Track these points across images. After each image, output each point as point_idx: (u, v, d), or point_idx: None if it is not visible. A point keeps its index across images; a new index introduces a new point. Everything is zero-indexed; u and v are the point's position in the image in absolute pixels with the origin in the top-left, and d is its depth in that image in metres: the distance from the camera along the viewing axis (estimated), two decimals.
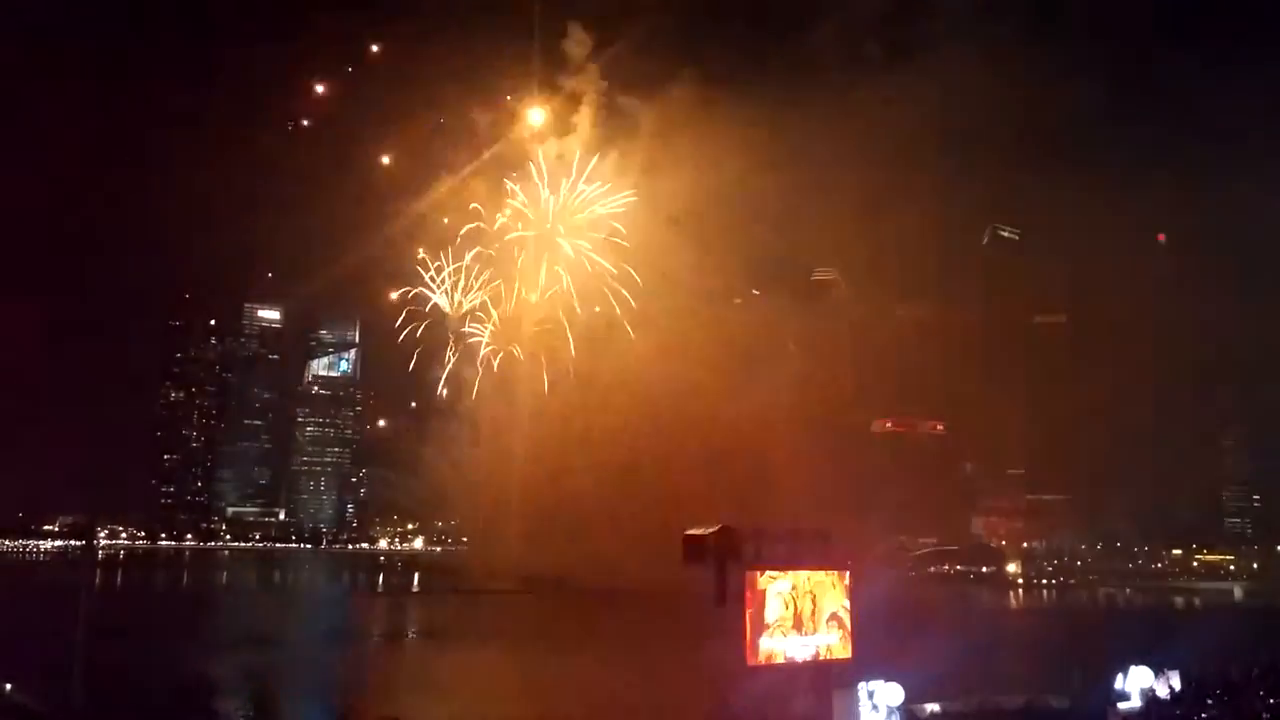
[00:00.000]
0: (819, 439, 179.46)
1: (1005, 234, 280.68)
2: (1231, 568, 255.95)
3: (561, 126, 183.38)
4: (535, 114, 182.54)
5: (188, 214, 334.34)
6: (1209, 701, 44.03)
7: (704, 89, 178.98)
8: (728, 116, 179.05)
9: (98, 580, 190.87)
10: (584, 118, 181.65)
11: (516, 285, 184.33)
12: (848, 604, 46.44)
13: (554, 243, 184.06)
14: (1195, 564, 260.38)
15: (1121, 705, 51.53)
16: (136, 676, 68.02)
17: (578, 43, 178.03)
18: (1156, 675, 53.60)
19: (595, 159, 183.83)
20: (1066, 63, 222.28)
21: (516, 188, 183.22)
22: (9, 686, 54.23)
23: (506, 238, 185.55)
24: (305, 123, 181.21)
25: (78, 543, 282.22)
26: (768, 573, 44.66)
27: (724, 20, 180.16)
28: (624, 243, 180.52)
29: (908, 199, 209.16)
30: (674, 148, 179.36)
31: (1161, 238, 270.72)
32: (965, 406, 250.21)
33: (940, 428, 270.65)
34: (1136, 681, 53.55)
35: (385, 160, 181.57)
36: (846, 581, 46.98)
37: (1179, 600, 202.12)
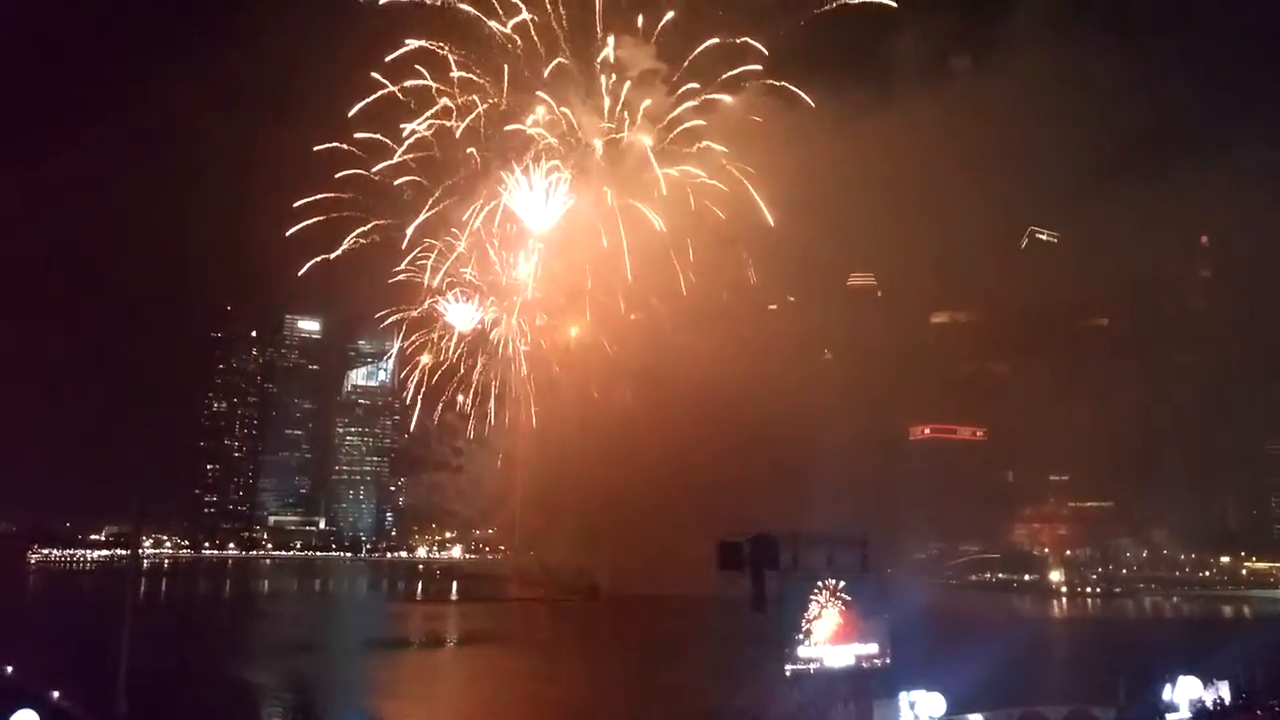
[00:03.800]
0: (858, 446, 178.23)
1: (1044, 237, 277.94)
2: None
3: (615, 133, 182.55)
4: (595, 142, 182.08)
5: (229, 226, 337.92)
6: (1259, 712, 43.12)
7: (756, 97, 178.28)
8: (776, 125, 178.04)
9: (143, 589, 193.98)
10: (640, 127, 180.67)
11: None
12: (887, 612, 46.02)
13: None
14: (1244, 572, 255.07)
15: (1170, 716, 50.63)
16: (180, 684, 68.95)
17: (634, 51, 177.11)
18: (1205, 685, 52.60)
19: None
20: (1116, 73, 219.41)
21: (571, 199, 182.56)
22: (56, 694, 55.08)
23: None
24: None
25: (123, 552, 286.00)
26: (806, 580, 44.39)
27: (774, 24, 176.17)
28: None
29: (950, 205, 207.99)
30: (718, 155, 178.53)
31: (1205, 240, 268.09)
32: (1006, 413, 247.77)
33: (980, 434, 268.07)
34: (1184, 692, 52.54)
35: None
36: (886, 589, 46.60)
37: (1227, 609, 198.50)
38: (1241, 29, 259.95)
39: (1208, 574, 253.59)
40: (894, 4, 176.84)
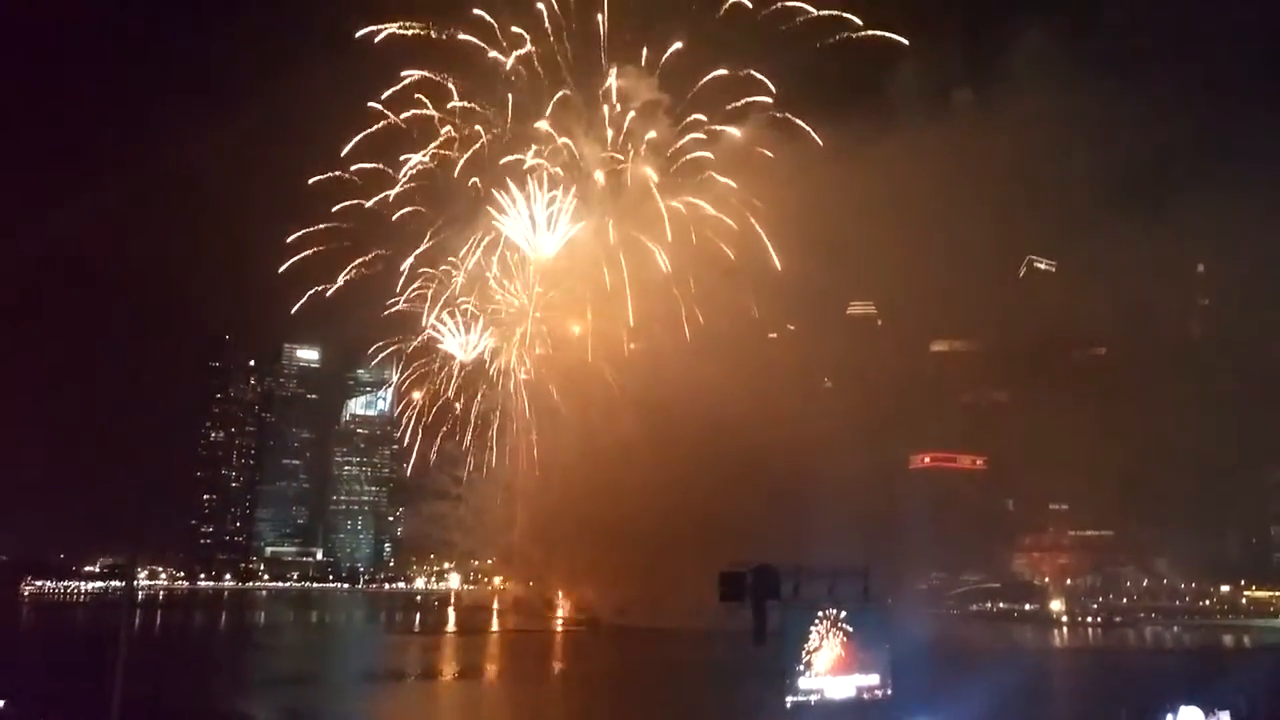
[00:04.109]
0: (858, 475, 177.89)
1: (1042, 266, 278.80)
2: None
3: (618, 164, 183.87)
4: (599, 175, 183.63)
5: (228, 255, 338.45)
6: None
7: (758, 128, 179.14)
8: (778, 155, 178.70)
9: (137, 621, 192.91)
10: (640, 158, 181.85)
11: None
12: (888, 642, 45.83)
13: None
14: (1244, 601, 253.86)
15: None
16: (175, 717, 68.38)
17: (638, 82, 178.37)
18: (1206, 715, 52.40)
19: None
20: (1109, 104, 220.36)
21: (573, 228, 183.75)
22: None
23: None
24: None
25: (118, 583, 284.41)
26: (807, 611, 44.17)
27: (778, 56, 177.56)
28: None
29: (948, 233, 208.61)
30: (720, 186, 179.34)
31: (1201, 268, 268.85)
32: (1006, 441, 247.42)
33: (980, 463, 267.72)
34: None
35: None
36: (887, 619, 46.41)
37: (1228, 638, 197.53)
38: (1241, 61, 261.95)
39: (1208, 603, 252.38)
40: (905, 41, 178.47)
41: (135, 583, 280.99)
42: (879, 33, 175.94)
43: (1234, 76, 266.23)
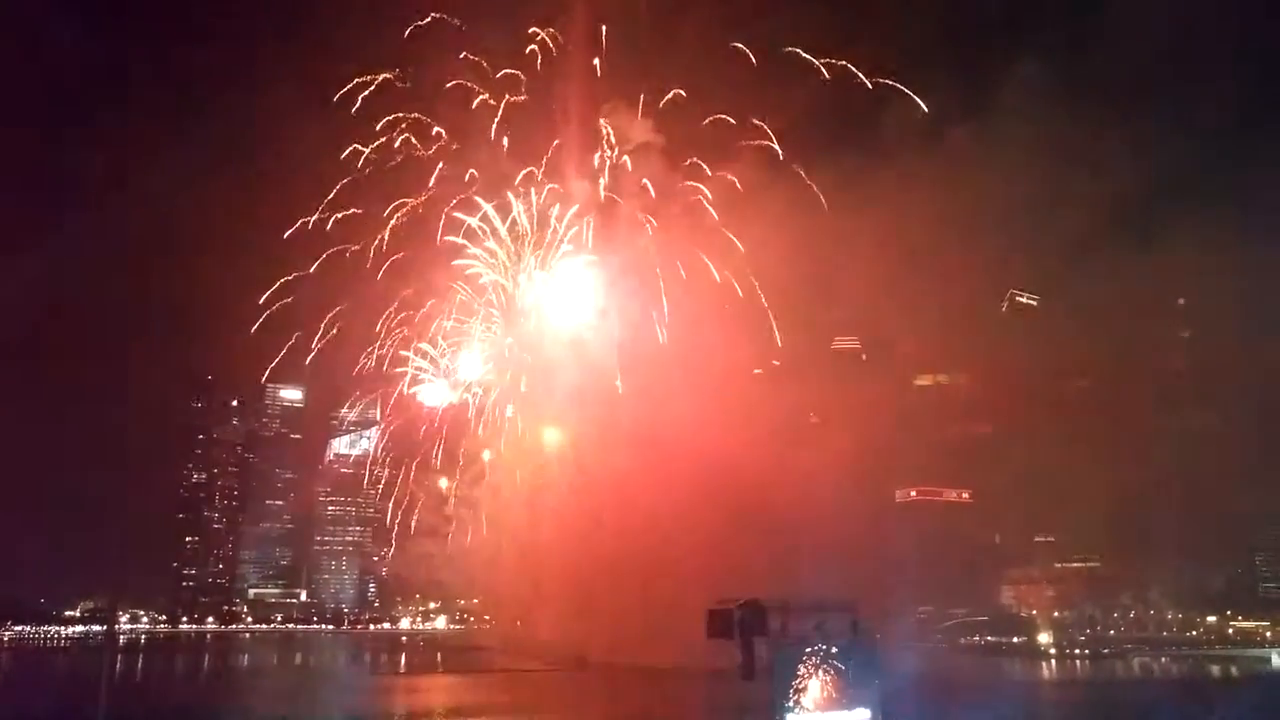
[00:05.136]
0: (844, 510, 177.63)
1: (1024, 300, 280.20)
2: (1269, 634, 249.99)
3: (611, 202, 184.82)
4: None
5: (211, 296, 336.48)
6: None
7: (750, 169, 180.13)
8: (771, 195, 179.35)
9: (119, 665, 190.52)
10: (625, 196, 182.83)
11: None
12: (879, 678, 45.73)
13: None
14: (1231, 631, 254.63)
15: None
16: None
17: (631, 126, 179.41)
18: None
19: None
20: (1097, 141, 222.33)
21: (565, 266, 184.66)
22: None
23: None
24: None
25: (99, 628, 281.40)
26: (796, 647, 44.07)
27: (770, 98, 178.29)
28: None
29: (931, 268, 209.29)
30: (711, 232, 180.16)
31: (1182, 302, 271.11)
32: (991, 474, 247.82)
33: (966, 496, 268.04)
34: None
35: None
36: (876, 654, 46.32)
37: (1215, 669, 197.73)
38: (1229, 101, 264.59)
39: (1195, 634, 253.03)
40: (925, 107, 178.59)
41: (117, 626, 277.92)
42: (887, 81, 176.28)
43: (1219, 114, 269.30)
